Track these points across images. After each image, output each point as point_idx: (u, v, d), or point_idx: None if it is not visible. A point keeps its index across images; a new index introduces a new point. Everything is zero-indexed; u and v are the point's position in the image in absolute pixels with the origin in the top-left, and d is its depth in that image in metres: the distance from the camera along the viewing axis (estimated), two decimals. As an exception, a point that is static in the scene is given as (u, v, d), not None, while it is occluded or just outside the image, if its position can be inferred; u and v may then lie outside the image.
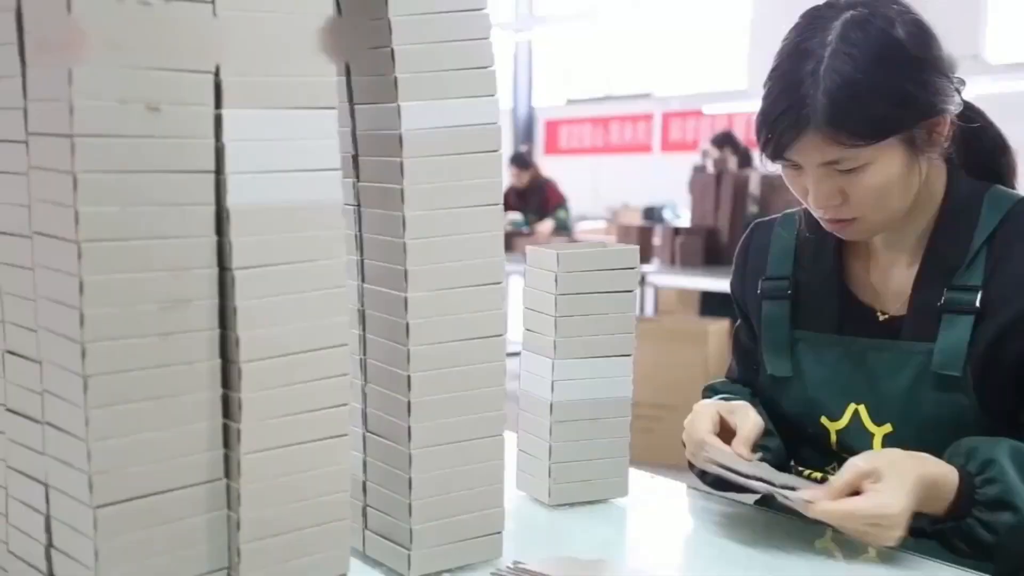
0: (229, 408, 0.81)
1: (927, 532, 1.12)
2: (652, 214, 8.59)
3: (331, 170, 0.84)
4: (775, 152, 1.15)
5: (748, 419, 1.20)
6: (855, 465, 1.07)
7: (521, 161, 7.27)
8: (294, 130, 0.82)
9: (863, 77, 1.10)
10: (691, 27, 11.33)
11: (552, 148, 13.18)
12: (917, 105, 1.13)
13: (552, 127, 13.27)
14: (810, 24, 1.15)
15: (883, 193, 1.15)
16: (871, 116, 1.10)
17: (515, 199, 7.04)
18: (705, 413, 1.21)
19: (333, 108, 0.85)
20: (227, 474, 0.82)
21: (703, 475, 1.26)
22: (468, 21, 0.96)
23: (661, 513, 1.29)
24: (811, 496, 1.06)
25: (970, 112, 1.21)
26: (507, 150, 8.63)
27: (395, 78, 0.93)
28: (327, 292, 0.85)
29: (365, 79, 0.98)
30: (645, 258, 5.40)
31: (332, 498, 0.87)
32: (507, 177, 7.14)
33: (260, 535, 0.83)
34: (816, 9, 1.17)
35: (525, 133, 13.11)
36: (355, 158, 1.00)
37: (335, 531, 0.88)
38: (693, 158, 8.28)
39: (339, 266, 0.85)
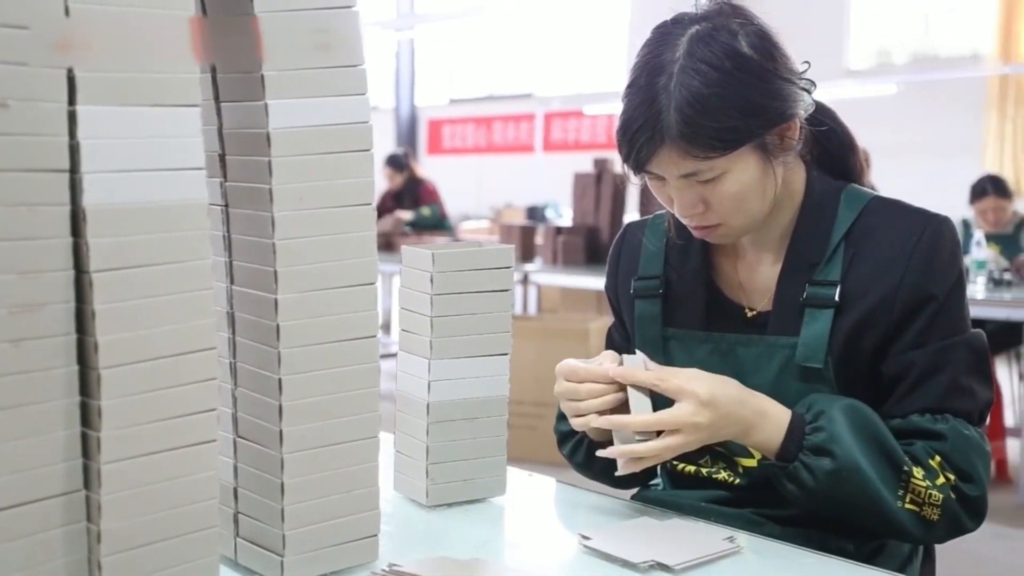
0: (88, 416, 0.78)
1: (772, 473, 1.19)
2: (535, 213, 8.66)
3: (194, 169, 0.82)
4: (635, 166, 1.19)
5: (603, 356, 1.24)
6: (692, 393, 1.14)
7: (396, 163, 7.06)
8: (155, 128, 0.80)
9: (710, 92, 1.13)
10: (571, 28, 11.46)
11: (435, 148, 13.15)
12: (765, 113, 1.16)
13: (435, 126, 13.23)
14: (659, 40, 1.18)
15: (742, 199, 1.19)
16: (721, 129, 1.13)
17: (391, 202, 6.95)
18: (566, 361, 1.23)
19: (196, 105, 0.82)
20: (86, 485, 0.79)
21: (584, 456, 1.34)
22: (337, 18, 0.95)
23: (539, 511, 1.30)
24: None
25: (820, 114, 1.26)
26: (389, 149, 8.56)
27: (262, 76, 0.91)
28: (192, 295, 0.83)
29: (231, 76, 0.95)
30: (528, 257, 5.44)
31: (200, 506, 0.85)
32: (382, 180, 6.96)
33: (122, 547, 0.80)
34: (663, 25, 1.21)
35: (408, 132, 13.04)
36: (222, 157, 0.98)
37: (203, 540, 0.85)
38: (575, 158, 8.36)
39: (204, 267, 0.83)
